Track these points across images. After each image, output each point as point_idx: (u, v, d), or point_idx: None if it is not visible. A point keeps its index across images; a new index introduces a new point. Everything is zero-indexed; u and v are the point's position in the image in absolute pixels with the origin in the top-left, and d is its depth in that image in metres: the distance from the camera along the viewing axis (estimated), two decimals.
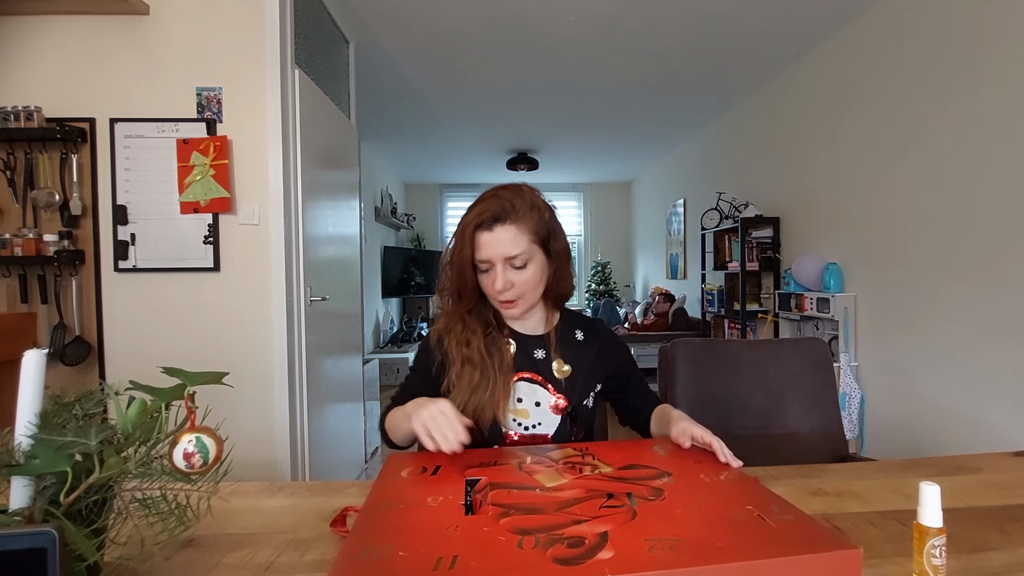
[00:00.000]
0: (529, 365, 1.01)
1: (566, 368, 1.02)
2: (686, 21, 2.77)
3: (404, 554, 0.52)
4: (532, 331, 1.05)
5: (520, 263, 0.95)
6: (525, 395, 0.99)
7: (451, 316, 1.02)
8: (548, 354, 1.03)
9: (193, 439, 0.60)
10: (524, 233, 0.95)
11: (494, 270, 0.95)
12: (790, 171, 3.34)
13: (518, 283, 0.95)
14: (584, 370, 1.03)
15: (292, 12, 2.07)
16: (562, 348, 1.03)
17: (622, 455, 0.81)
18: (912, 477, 0.89)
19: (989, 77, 2.00)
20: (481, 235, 0.94)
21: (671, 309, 4.87)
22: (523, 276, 0.96)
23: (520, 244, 0.94)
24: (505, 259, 0.94)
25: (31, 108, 1.91)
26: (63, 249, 1.93)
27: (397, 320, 6.30)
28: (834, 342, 2.75)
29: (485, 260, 0.95)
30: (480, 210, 0.95)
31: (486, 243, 0.94)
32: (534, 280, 0.97)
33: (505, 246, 0.93)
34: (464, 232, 0.95)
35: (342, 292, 2.60)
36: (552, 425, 0.99)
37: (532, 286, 0.97)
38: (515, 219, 0.94)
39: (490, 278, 0.96)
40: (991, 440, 1.99)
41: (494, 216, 0.94)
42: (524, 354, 1.02)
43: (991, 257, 2.00)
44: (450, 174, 6.74)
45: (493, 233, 0.94)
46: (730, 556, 0.50)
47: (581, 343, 1.06)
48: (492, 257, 0.94)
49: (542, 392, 1.00)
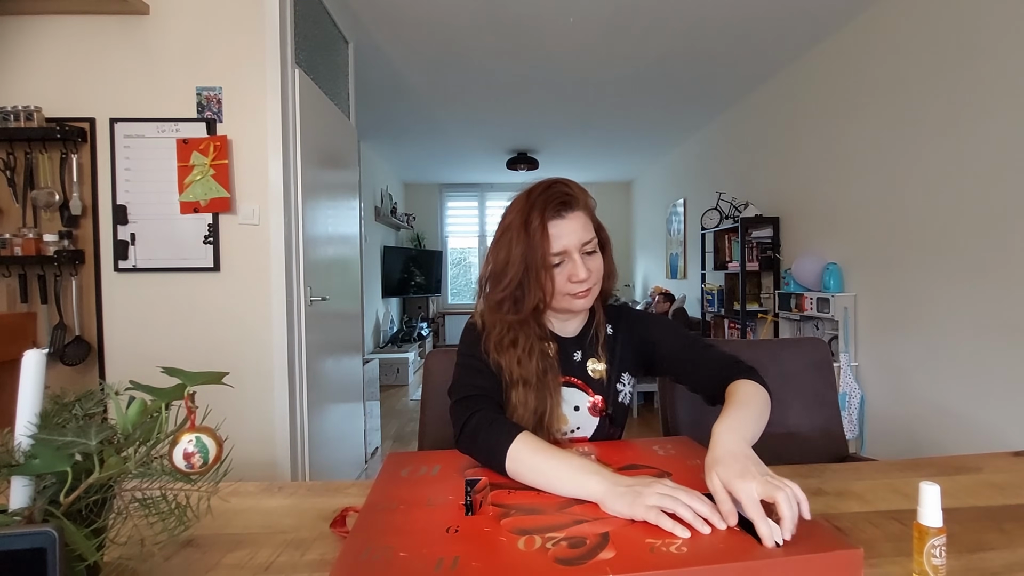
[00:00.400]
0: (567, 369, 0.97)
1: (600, 367, 0.98)
2: (686, 21, 2.77)
3: (405, 554, 0.52)
4: (571, 332, 1.00)
5: (592, 248, 0.91)
6: (564, 400, 0.95)
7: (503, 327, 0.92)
8: (584, 354, 0.99)
9: (193, 439, 0.60)
10: (589, 218, 0.91)
11: (570, 261, 0.89)
12: (790, 171, 3.34)
13: (594, 270, 0.91)
14: (616, 365, 1.00)
15: (292, 12, 2.07)
16: (596, 347, 0.99)
17: (622, 455, 0.81)
18: (912, 477, 0.89)
19: (988, 76, 2.00)
20: (554, 225, 0.87)
21: (671, 309, 4.86)
22: (596, 263, 0.92)
23: (590, 229, 0.91)
24: (582, 244, 0.89)
25: (31, 108, 1.91)
26: (63, 249, 1.93)
27: (397, 320, 6.30)
28: (834, 342, 2.75)
29: (561, 252, 0.88)
30: (544, 200, 0.88)
31: (561, 232, 0.87)
32: (602, 267, 0.94)
33: (579, 233, 0.88)
34: (530, 228, 0.86)
35: (342, 292, 2.60)
36: (591, 427, 0.96)
37: (601, 273, 0.94)
38: (580, 204, 0.90)
39: (566, 271, 0.89)
40: (991, 440, 1.99)
41: (562, 202, 0.88)
42: (564, 358, 0.97)
43: (991, 257, 2.00)
44: (450, 174, 6.74)
45: (565, 220, 0.88)
46: (731, 556, 0.50)
47: (611, 337, 1.02)
48: (569, 246, 0.88)
49: (580, 395, 0.97)
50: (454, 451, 0.85)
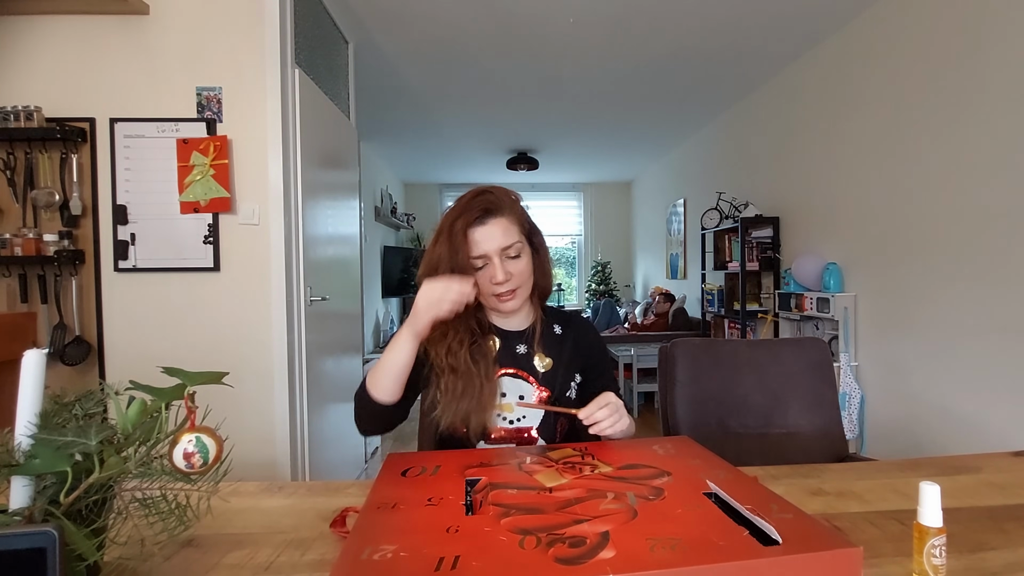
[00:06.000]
0: (512, 361, 1.03)
1: (547, 361, 1.04)
2: (686, 21, 2.77)
3: (406, 554, 0.52)
4: (515, 327, 1.07)
5: (515, 253, 0.97)
6: (508, 390, 1.01)
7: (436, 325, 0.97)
8: (530, 348, 1.04)
9: (193, 439, 0.60)
10: (514, 224, 0.97)
11: (491, 264, 0.96)
12: (790, 171, 3.34)
13: (515, 273, 0.97)
14: (564, 362, 1.05)
15: (292, 12, 2.07)
16: (544, 342, 1.05)
17: (622, 455, 0.81)
18: (912, 477, 0.89)
19: (987, 76, 2.00)
20: (475, 231, 0.95)
21: (671, 309, 4.87)
22: (519, 266, 0.98)
23: (512, 234, 0.97)
24: (502, 250, 0.95)
25: (31, 108, 1.91)
26: (63, 249, 1.93)
27: (397, 320, 6.30)
28: (834, 342, 2.75)
29: (482, 255, 0.95)
30: (466, 207, 0.96)
31: (481, 238, 0.95)
32: (528, 270, 1.00)
33: (500, 238, 0.95)
34: (453, 233, 0.94)
35: (342, 292, 2.60)
36: (536, 418, 1.00)
37: (527, 276, 1.00)
38: (503, 211, 0.97)
39: (487, 273, 0.96)
40: (991, 440, 1.99)
41: (485, 210, 0.95)
42: (507, 350, 1.04)
43: (991, 256, 2.00)
44: (450, 174, 6.74)
45: (487, 227, 0.95)
46: (731, 555, 0.50)
47: (559, 336, 1.08)
48: (489, 251, 0.95)
49: (525, 386, 1.01)
50: (454, 451, 0.88)
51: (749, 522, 0.57)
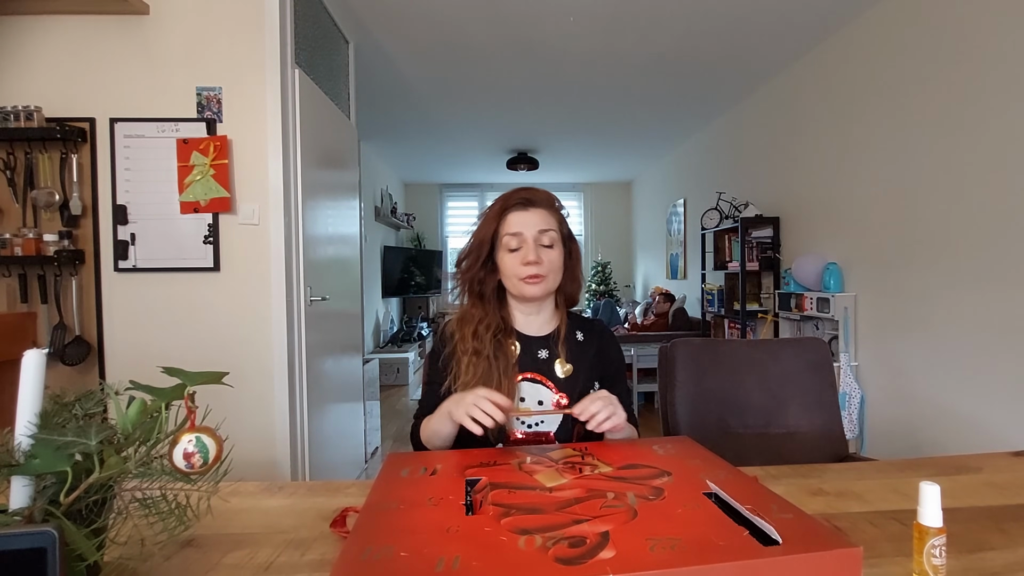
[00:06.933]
0: (532, 365, 1.03)
1: (568, 367, 1.03)
2: (686, 21, 2.77)
3: (406, 554, 0.52)
4: (537, 332, 1.07)
5: (548, 242, 1.01)
6: (528, 395, 1.01)
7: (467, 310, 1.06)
8: (551, 354, 1.04)
9: (193, 439, 0.60)
10: (552, 218, 1.03)
11: (525, 246, 0.99)
12: (790, 171, 3.34)
13: (546, 260, 1.00)
14: (584, 369, 1.04)
15: (292, 12, 2.07)
16: (565, 348, 1.05)
17: (622, 455, 0.81)
18: (912, 477, 0.89)
19: (988, 76, 2.00)
20: (513, 215, 1.01)
21: (671, 309, 4.86)
22: (551, 255, 1.01)
23: (551, 223, 1.02)
24: (538, 232, 0.99)
25: (31, 108, 1.91)
26: (63, 249, 1.93)
27: (397, 320, 6.30)
28: (834, 342, 2.75)
29: (516, 233, 0.99)
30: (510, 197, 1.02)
31: (519, 220, 1.00)
32: (559, 263, 1.03)
33: (537, 223, 1.00)
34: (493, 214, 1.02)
35: (342, 292, 2.60)
36: (555, 423, 1.00)
37: (557, 268, 1.03)
38: (545, 206, 1.03)
39: (520, 255, 0.99)
40: (991, 440, 1.99)
41: (527, 199, 1.01)
42: (528, 355, 1.04)
43: (991, 257, 2.00)
44: (450, 174, 6.74)
45: (527, 212, 1.01)
46: (731, 555, 0.50)
47: (581, 343, 1.08)
48: (524, 230, 0.99)
49: (544, 391, 1.01)
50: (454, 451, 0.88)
51: (749, 522, 0.57)
